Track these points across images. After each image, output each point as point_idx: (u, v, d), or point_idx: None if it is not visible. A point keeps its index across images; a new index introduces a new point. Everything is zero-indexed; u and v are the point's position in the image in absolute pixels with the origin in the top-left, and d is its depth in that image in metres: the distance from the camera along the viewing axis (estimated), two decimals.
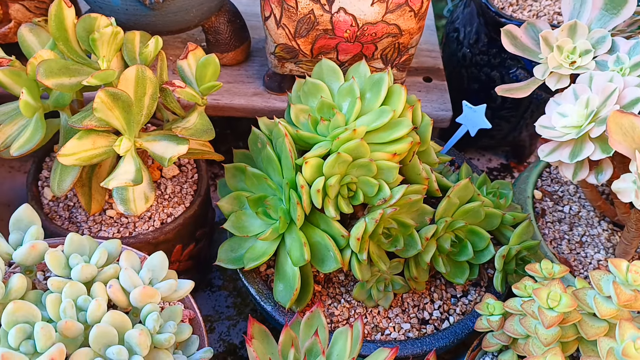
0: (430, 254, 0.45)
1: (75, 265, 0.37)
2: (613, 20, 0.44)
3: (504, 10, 0.66)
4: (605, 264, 0.53)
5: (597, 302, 0.34)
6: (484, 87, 0.73)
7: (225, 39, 0.63)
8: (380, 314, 0.48)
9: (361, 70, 0.49)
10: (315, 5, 0.53)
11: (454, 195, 0.46)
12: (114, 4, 0.54)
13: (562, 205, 0.58)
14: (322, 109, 0.47)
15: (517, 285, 0.40)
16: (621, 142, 0.36)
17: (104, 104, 0.39)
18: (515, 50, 0.48)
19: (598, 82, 0.42)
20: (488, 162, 0.88)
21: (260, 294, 0.47)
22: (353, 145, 0.42)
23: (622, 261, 0.33)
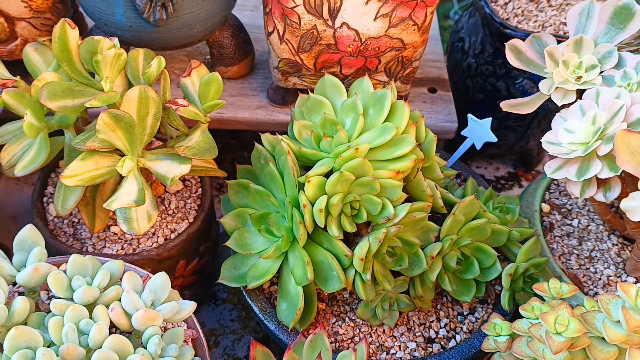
0: (436, 273, 0.45)
1: (77, 288, 0.37)
2: (620, 35, 0.43)
3: (509, 21, 0.65)
4: (615, 280, 0.52)
5: (606, 326, 0.34)
6: (490, 98, 0.72)
7: (229, 52, 0.63)
8: (385, 332, 0.48)
9: (364, 86, 0.49)
10: (318, 20, 0.53)
11: (460, 212, 0.46)
12: (118, 21, 0.54)
13: (570, 219, 0.57)
14: (325, 125, 0.47)
15: (525, 306, 0.39)
16: (629, 161, 0.35)
17: (106, 126, 0.39)
18: (520, 64, 0.47)
19: (605, 98, 0.41)
20: (496, 171, 0.87)
21: (263, 312, 0.47)
22: (356, 164, 0.41)
23: (631, 285, 0.32)
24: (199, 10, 0.55)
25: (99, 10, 0.54)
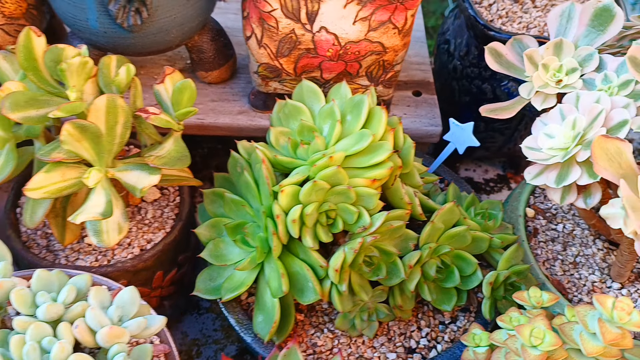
0: (415, 282, 0.44)
1: (41, 304, 0.36)
2: (600, 37, 0.42)
3: (493, 23, 0.64)
4: (600, 287, 0.51)
5: (583, 338, 0.33)
6: (476, 100, 0.71)
7: (209, 57, 0.62)
8: (365, 343, 0.47)
9: (342, 92, 0.48)
10: (296, 25, 0.52)
11: (439, 220, 0.45)
12: (92, 27, 0.53)
13: (555, 224, 0.56)
14: (303, 131, 0.46)
15: (502, 317, 0.38)
16: (607, 168, 0.34)
17: (71, 136, 0.38)
18: (500, 68, 0.46)
19: (585, 102, 0.40)
20: (485, 173, 0.86)
21: (240, 324, 0.46)
22: (330, 173, 0.40)
23: (607, 297, 0.31)
24: (175, 15, 0.53)
25: (72, 17, 0.53)
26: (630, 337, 0.32)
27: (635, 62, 0.37)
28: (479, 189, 0.83)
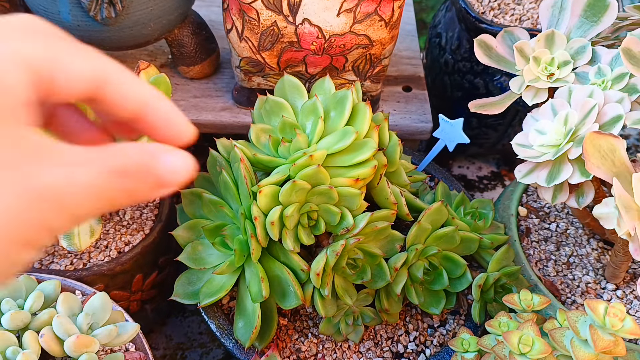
0: (401, 285, 0.42)
1: (6, 312, 0.34)
2: (594, 29, 0.40)
3: (485, 15, 0.62)
4: (594, 288, 0.49)
5: (575, 345, 0.31)
6: (468, 95, 0.69)
7: (191, 51, 0.60)
8: (350, 348, 0.45)
9: (326, 87, 0.46)
10: (278, 17, 0.50)
11: (426, 220, 0.43)
12: (64, 20, 0.51)
13: (548, 223, 0.55)
14: (284, 128, 0.44)
15: (491, 322, 0.36)
16: (599, 166, 0.33)
17: None
18: (490, 62, 0.44)
19: (577, 97, 0.38)
20: (478, 171, 0.85)
21: (220, 330, 0.44)
22: (310, 172, 0.39)
23: (599, 302, 0.30)
24: (151, 7, 0.51)
25: (44, 9, 0.50)
26: (623, 345, 0.30)
27: (630, 55, 0.36)
28: (472, 186, 0.82)
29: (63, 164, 0.18)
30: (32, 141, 0.18)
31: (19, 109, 0.18)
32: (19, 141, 0.17)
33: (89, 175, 0.18)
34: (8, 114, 0.17)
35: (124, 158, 0.19)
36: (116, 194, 0.19)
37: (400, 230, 0.44)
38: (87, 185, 0.18)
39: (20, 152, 0.17)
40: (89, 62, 0.19)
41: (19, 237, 0.17)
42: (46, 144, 0.18)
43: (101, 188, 0.19)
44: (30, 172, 0.17)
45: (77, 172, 0.18)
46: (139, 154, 0.20)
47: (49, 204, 0.17)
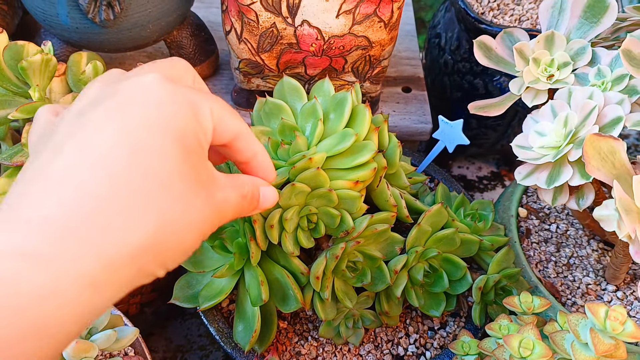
0: (402, 287, 0.42)
1: None
2: (593, 30, 0.40)
3: (484, 16, 0.62)
4: (594, 289, 0.49)
5: (575, 349, 0.31)
6: (467, 96, 0.69)
7: (189, 53, 0.60)
8: (350, 351, 0.45)
9: (325, 89, 0.46)
10: (277, 18, 0.50)
11: (426, 223, 0.43)
12: (63, 22, 0.50)
13: (548, 224, 0.54)
14: (284, 131, 0.44)
15: (491, 325, 0.36)
16: (600, 168, 0.33)
17: None
18: (489, 63, 0.44)
19: (577, 98, 0.38)
20: (478, 171, 0.84)
21: (220, 333, 0.44)
22: (310, 175, 0.38)
23: (600, 306, 0.30)
24: (150, 9, 0.51)
25: (42, 12, 0.50)
26: (624, 348, 0.30)
27: (630, 56, 0.35)
28: (472, 187, 0.81)
29: (222, 187, 0.26)
30: (209, 170, 0.25)
31: (207, 147, 0.25)
32: (206, 169, 0.25)
33: (234, 197, 0.27)
34: (205, 150, 0.25)
35: (246, 187, 0.28)
36: (239, 211, 0.28)
37: (400, 232, 0.44)
38: (233, 204, 0.27)
39: (207, 176, 0.25)
40: (235, 122, 0.27)
41: (204, 237, 0.25)
42: (214, 172, 0.26)
43: (237, 207, 0.27)
44: (213, 193, 0.25)
45: (229, 195, 0.26)
46: (252, 185, 0.29)
47: (218, 215, 0.25)
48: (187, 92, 0.25)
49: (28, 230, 0.20)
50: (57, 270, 0.20)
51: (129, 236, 0.21)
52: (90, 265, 0.20)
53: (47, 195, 0.20)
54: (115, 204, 0.21)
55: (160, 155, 0.22)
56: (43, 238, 0.20)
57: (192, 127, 0.24)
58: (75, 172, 0.21)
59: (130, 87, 0.23)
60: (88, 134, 0.22)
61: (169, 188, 0.22)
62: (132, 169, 0.21)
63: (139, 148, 0.22)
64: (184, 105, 0.24)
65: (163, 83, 0.24)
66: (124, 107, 0.23)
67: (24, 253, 0.19)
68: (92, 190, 0.21)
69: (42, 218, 0.20)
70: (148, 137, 0.22)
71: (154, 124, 0.22)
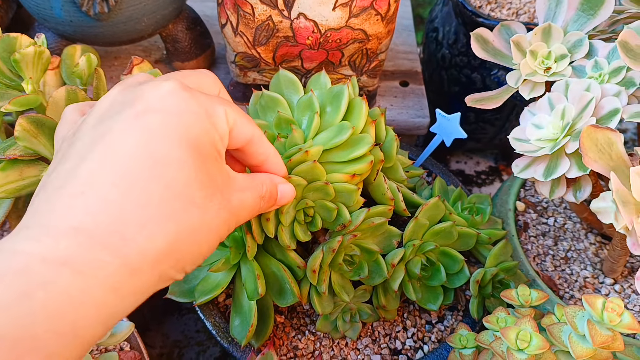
0: (399, 281, 0.42)
1: None
2: (590, 22, 0.40)
3: (482, 9, 0.62)
4: (592, 282, 0.49)
5: (572, 341, 0.31)
6: (465, 90, 0.69)
7: (185, 47, 0.59)
8: (348, 345, 0.45)
9: (322, 82, 0.46)
10: (273, 11, 0.49)
11: (423, 216, 0.43)
12: (57, 15, 0.50)
13: (546, 217, 0.54)
14: (280, 124, 0.44)
15: (489, 318, 0.36)
16: (597, 160, 0.32)
17: (26, 132, 0.35)
18: (487, 55, 0.44)
19: (574, 91, 0.38)
20: (476, 166, 0.84)
21: (216, 328, 0.44)
22: (306, 168, 0.38)
23: (597, 297, 0.30)
24: (145, 2, 0.51)
25: (36, 5, 0.50)
26: (621, 340, 0.30)
27: (627, 48, 0.35)
28: (470, 181, 0.81)
29: (239, 189, 0.27)
30: (226, 173, 0.27)
31: (224, 150, 0.27)
32: (223, 174, 0.26)
33: (251, 199, 0.28)
34: (222, 155, 0.26)
35: (264, 187, 0.30)
36: (256, 210, 0.29)
37: (398, 226, 0.44)
38: (249, 205, 0.28)
39: (223, 180, 0.26)
40: (249, 126, 0.29)
41: (222, 239, 0.26)
42: (230, 174, 0.27)
43: (254, 207, 0.29)
44: (229, 196, 0.26)
45: (246, 197, 0.28)
46: (270, 184, 0.31)
47: (235, 217, 0.27)
48: (203, 98, 0.26)
49: (60, 239, 0.21)
50: (88, 276, 0.21)
51: (151, 244, 0.23)
52: (115, 271, 0.22)
53: (74, 205, 0.22)
54: (137, 213, 0.22)
55: (178, 165, 0.23)
56: (74, 247, 0.21)
57: (208, 133, 0.25)
58: (99, 183, 0.22)
59: (148, 95, 0.24)
60: (110, 143, 0.23)
61: (186, 197, 0.24)
62: (152, 180, 0.23)
63: (158, 159, 0.23)
64: (200, 112, 0.25)
65: (179, 91, 0.25)
66: (143, 116, 0.24)
67: (59, 260, 0.21)
68: (115, 200, 0.22)
69: (71, 228, 0.21)
70: (167, 147, 0.23)
71: (172, 133, 0.24)
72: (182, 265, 0.24)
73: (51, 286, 0.20)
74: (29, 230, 0.22)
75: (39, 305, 0.20)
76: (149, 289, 0.23)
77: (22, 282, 0.20)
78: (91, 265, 0.21)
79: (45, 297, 0.20)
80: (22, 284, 0.20)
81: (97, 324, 0.21)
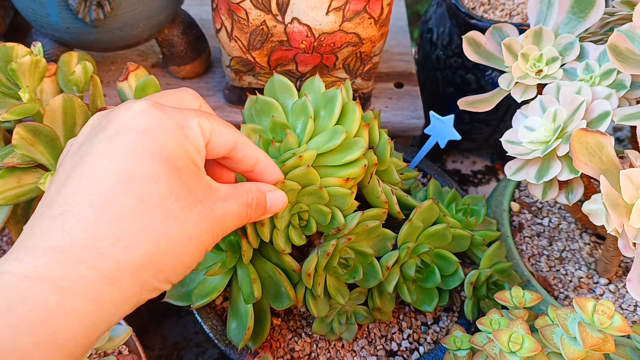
0: (394, 283, 0.42)
1: None
2: (581, 25, 0.40)
3: (475, 11, 0.62)
4: (586, 282, 0.49)
5: (564, 343, 0.31)
6: (460, 91, 0.69)
7: (181, 51, 0.60)
8: (344, 347, 0.45)
9: (315, 86, 0.46)
10: (267, 16, 0.49)
11: (417, 218, 0.43)
12: (53, 22, 0.50)
13: (541, 218, 0.55)
14: (275, 128, 0.44)
15: (482, 320, 0.37)
16: (587, 163, 0.33)
17: (24, 140, 0.35)
18: (479, 58, 0.44)
19: (565, 93, 0.38)
20: (472, 165, 0.85)
21: (213, 331, 0.44)
22: (300, 172, 0.38)
23: (587, 300, 0.30)
24: (140, 8, 0.51)
25: (33, 12, 0.50)
26: (612, 342, 0.30)
27: (617, 51, 0.36)
28: (466, 181, 0.82)
29: (221, 199, 0.27)
30: (206, 183, 0.27)
31: (202, 162, 0.27)
32: (202, 185, 0.26)
33: (236, 207, 0.28)
34: (199, 166, 0.26)
35: (250, 195, 0.30)
36: (244, 219, 0.29)
37: (392, 228, 0.44)
38: (235, 214, 0.28)
39: (203, 192, 0.26)
40: (229, 134, 0.29)
41: (207, 249, 0.27)
42: (212, 184, 0.27)
43: (240, 216, 0.29)
44: (211, 206, 0.26)
45: (230, 206, 0.28)
46: (257, 192, 0.31)
47: (219, 226, 0.27)
48: (174, 113, 0.26)
49: (39, 258, 0.22)
50: (66, 289, 0.22)
51: (127, 255, 0.23)
52: (94, 283, 0.23)
53: (52, 227, 0.23)
54: (112, 227, 0.23)
55: (152, 180, 0.24)
56: (52, 264, 0.22)
57: (182, 146, 0.26)
58: (76, 204, 0.23)
59: (120, 117, 0.25)
60: (86, 167, 0.24)
61: (163, 209, 0.24)
62: (126, 195, 0.24)
63: (132, 176, 0.24)
64: (171, 126, 0.26)
65: (150, 109, 0.26)
66: (116, 137, 0.25)
67: (39, 277, 0.22)
68: (90, 218, 0.23)
69: (49, 248, 0.23)
70: (140, 164, 0.24)
71: (144, 150, 0.24)
72: (165, 276, 0.25)
73: (32, 300, 0.21)
74: (13, 254, 0.23)
75: (21, 318, 0.21)
76: (131, 299, 0.24)
77: (5, 298, 0.21)
78: (69, 279, 0.22)
79: (26, 311, 0.21)
80: (5, 299, 0.21)
81: (79, 335, 0.22)
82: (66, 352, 0.22)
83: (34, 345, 0.21)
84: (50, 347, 0.21)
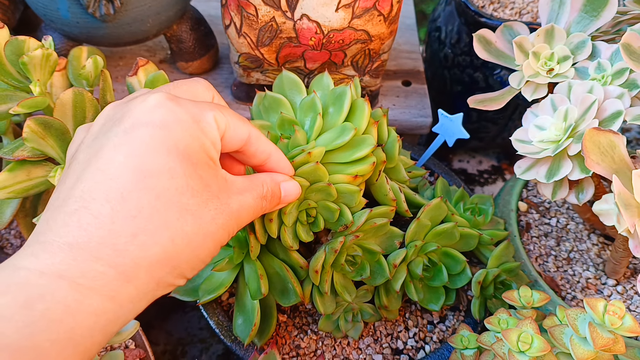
0: (401, 281, 0.42)
1: None
2: (593, 23, 0.40)
3: (484, 9, 0.62)
4: (594, 283, 0.49)
5: (574, 343, 0.31)
6: (468, 89, 0.69)
7: (189, 47, 0.60)
8: (350, 344, 0.45)
9: (324, 83, 0.46)
10: (277, 12, 0.49)
11: (425, 217, 0.43)
12: (63, 17, 0.50)
13: (548, 218, 0.55)
14: (283, 125, 0.44)
15: (490, 319, 0.36)
16: (599, 162, 0.32)
17: (34, 134, 0.35)
18: (489, 57, 0.44)
19: (577, 92, 0.38)
20: (478, 165, 0.84)
21: (220, 327, 0.44)
22: (309, 169, 0.38)
23: (598, 300, 0.30)
24: (150, 3, 0.51)
25: (43, 6, 0.50)
26: (622, 342, 0.30)
27: (630, 50, 0.35)
28: (473, 180, 0.81)
29: (237, 192, 0.28)
30: (222, 177, 0.27)
31: (217, 156, 0.27)
32: (218, 179, 0.26)
33: (251, 200, 0.28)
34: (215, 160, 0.26)
35: (265, 186, 0.30)
36: (259, 211, 0.29)
37: (400, 226, 0.44)
38: (251, 207, 0.28)
39: (219, 186, 0.26)
40: (243, 128, 0.29)
41: (222, 243, 0.27)
42: (227, 178, 0.27)
43: (256, 208, 0.29)
44: (227, 200, 0.27)
45: (245, 199, 0.28)
46: (271, 183, 0.31)
47: (235, 220, 0.27)
48: (190, 106, 0.26)
49: (56, 254, 0.22)
50: (84, 286, 0.22)
51: (144, 252, 0.23)
52: (111, 280, 0.23)
53: (69, 223, 0.23)
54: (128, 224, 0.23)
55: (168, 175, 0.24)
56: (69, 260, 0.22)
57: (198, 140, 0.25)
58: (92, 200, 0.23)
59: (135, 109, 0.25)
60: (102, 161, 0.24)
61: (179, 205, 0.24)
62: (143, 192, 0.23)
63: (149, 171, 0.24)
64: (187, 120, 0.25)
65: (166, 102, 0.25)
66: (132, 131, 0.24)
67: (56, 274, 0.22)
68: (107, 214, 0.23)
69: (66, 244, 0.22)
70: (156, 159, 0.24)
71: (161, 144, 0.24)
72: (181, 272, 0.25)
73: (49, 297, 0.21)
74: (29, 248, 0.23)
75: (39, 315, 0.21)
76: (147, 296, 0.24)
77: (23, 295, 0.21)
78: (87, 276, 0.22)
79: (44, 308, 0.21)
80: (22, 296, 0.21)
81: (95, 332, 0.22)
82: (82, 349, 0.22)
83: (51, 343, 0.21)
84: (67, 344, 0.21)
